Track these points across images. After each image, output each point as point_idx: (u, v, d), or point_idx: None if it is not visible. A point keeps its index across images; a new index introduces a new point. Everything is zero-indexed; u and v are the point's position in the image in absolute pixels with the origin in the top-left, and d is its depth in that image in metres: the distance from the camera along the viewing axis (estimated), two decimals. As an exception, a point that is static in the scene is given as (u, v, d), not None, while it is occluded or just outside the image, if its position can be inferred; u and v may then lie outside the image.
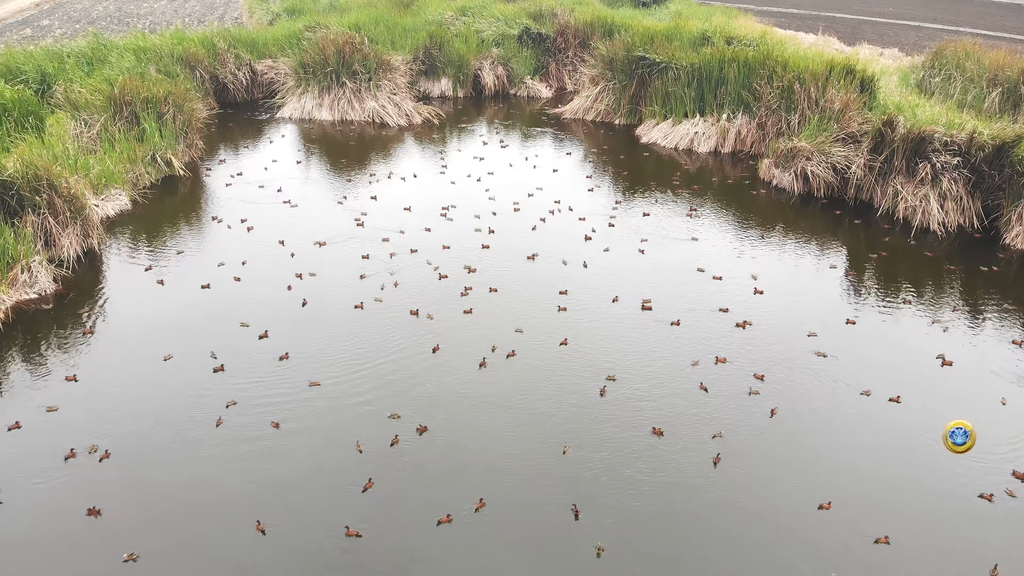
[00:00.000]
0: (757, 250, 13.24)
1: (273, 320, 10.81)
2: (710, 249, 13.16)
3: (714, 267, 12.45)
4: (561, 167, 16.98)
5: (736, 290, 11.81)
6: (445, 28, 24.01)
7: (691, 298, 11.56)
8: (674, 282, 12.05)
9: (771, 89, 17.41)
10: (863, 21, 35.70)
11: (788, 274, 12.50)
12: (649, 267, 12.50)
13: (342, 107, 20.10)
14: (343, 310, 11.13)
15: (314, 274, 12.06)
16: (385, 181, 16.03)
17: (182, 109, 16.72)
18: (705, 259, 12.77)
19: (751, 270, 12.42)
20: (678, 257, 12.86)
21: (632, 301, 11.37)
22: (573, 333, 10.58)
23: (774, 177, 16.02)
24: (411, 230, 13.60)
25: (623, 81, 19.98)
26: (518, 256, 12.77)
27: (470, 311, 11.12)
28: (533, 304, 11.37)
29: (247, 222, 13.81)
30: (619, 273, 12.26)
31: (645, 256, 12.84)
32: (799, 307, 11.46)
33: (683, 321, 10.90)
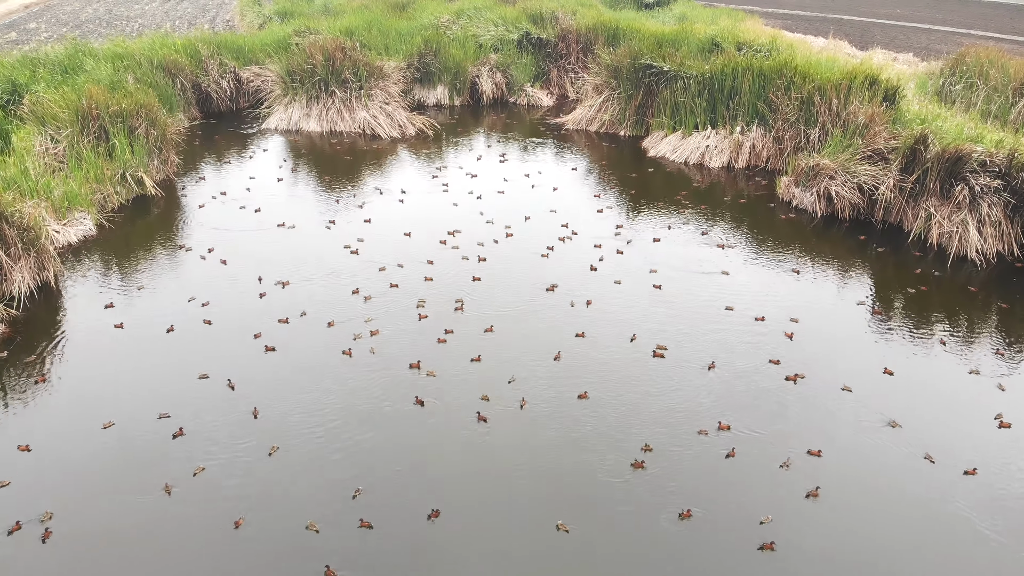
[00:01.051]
0: (781, 283, 11.82)
1: (244, 371, 9.40)
2: (731, 282, 11.73)
3: (741, 304, 11.02)
4: (563, 184, 15.55)
5: (764, 332, 10.42)
6: (441, 33, 22.57)
7: (723, 343, 10.16)
8: (701, 324, 10.62)
9: (789, 101, 15.99)
10: (872, 23, 34.24)
11: (814, 312, 11.06)
12: (668, 304, 11.09)
13: (331, 118, 18.67)
14: (326, 359, 9.71)
15: (303, 315, 10.60)
16: (378, 200, 14.59)
17: (156, 122, 15.29)
18: (728, 293, 11.34)
19: (781, 308, 11.01)
20: (699, 293, 11.43)
21: (653, 346, 9.98)
22: (590, 385, 9.20)
23: (794, 197, 14.61)
24: (411, 262, 12.12)
25: (629, 90, 18.55)
26: (521, 292, 11.34)
27: (479, 358, 9.73)
28: (540, 350, 9.97)
29: (221, 251, 12.37)
30: (634, 311, 10.86)
31: (662, 292, 11.41)
32: (829, 352, 10.04)
33: (716, 371, 9.52)
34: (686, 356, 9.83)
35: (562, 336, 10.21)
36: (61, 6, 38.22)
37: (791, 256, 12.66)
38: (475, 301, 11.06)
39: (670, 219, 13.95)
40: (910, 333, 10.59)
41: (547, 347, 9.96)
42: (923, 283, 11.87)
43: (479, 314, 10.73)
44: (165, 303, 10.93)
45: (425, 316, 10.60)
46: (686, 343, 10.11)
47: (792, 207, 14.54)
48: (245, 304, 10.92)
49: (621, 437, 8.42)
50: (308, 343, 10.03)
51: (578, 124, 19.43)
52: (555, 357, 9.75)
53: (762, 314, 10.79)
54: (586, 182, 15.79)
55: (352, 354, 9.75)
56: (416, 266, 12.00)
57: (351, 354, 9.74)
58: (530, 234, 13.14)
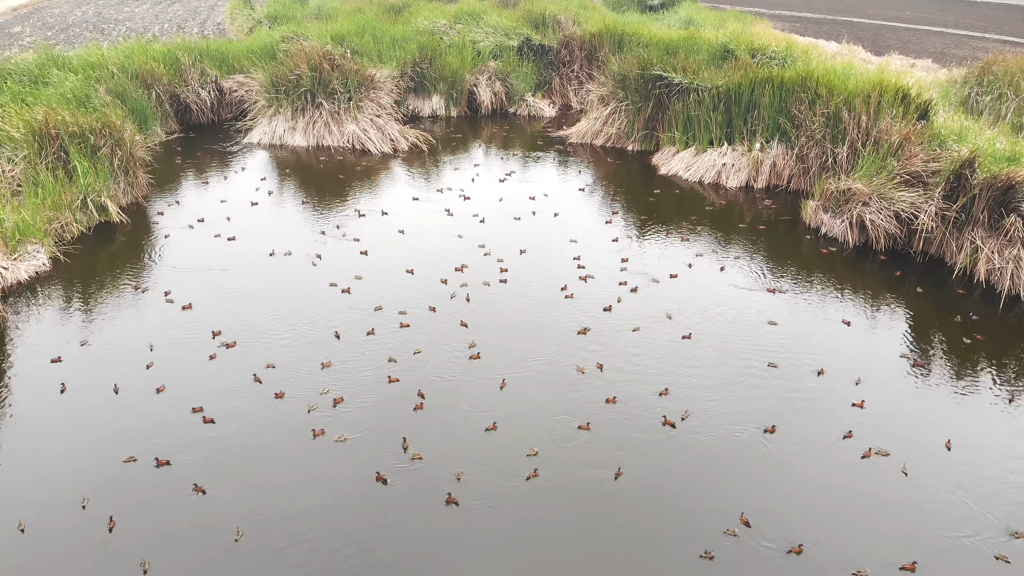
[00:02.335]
0: (815, 330, 10.21)
1: (203, 456, 7.84)
2: (762, 327, 10.13)
3: (782, 357, 9.41)
4: (570, 209, 13.94)
5: (820, 395, 8.86)
6: (437, 38, 20.95)
7: (774, 411, 8.60)
8: (743, 383, 9.06)
9: (814, 116, 14.39)
10: (883, 27, 32.59)
11: (854, 367, 9.49)
12: (699, 357, 9.49)
13: (318, 131, 17.07)
14: (295, 443, 8.15)
15: (282, 393, 9.05)
16: (369, 229, 12.94)
17: (122, 141, 13.69)
18: (764, 342, 9.74)
19: (824, 361, 9.45)
20: (731, 341, 9.83)
21: (687, 411, 8.42)
22: (623, 463, 7.68)
23: (823, 223, 13.02)
24: (414, 307, 10.48)
25: (637, 102, 16.94)
26: (532, 345, 9.76)
27: (494, 426, 8.24)
28: (562, 418, 8.41)
29: (185, 294, 10.76)
30: (661, 366, 9.29)
31: (692, 343, 9.82)
32: (881, 422, 8.50)
33: (775, 445, 7.97)
34: (734, 426, 8.27)
35: (586, 399, 8.67)
36: (50, 9, 36.54)
37: (824, 297, 11.08)
38: (484, 353, 9.50)
39: (688, 250, 12.36)
40: (971, 398, 9.03)
41: (570, 412, 8.43)
42: (979, 330, 10.28)
43: (488, 372, 9.18)
44: (113, 361, 9.31)
45: (419, 387, 9.01)
46: (734, 411, 8.54)
47: (820, 235, 12.96)
48: (196, 367, 9.31)
49: (667, 540, 6.90)
50: (272, 417, 8.48)
51: (582, 137, 17.83)
52: (582, 427, 8.24)
53: (809, 369, 9.23)
54: (594, 205, 14.20)
55: (322, 434, 8.18)
56: (417, 311, 10.40)
57: (322, 434, 8.17)
58: (537, 270, 11.54)
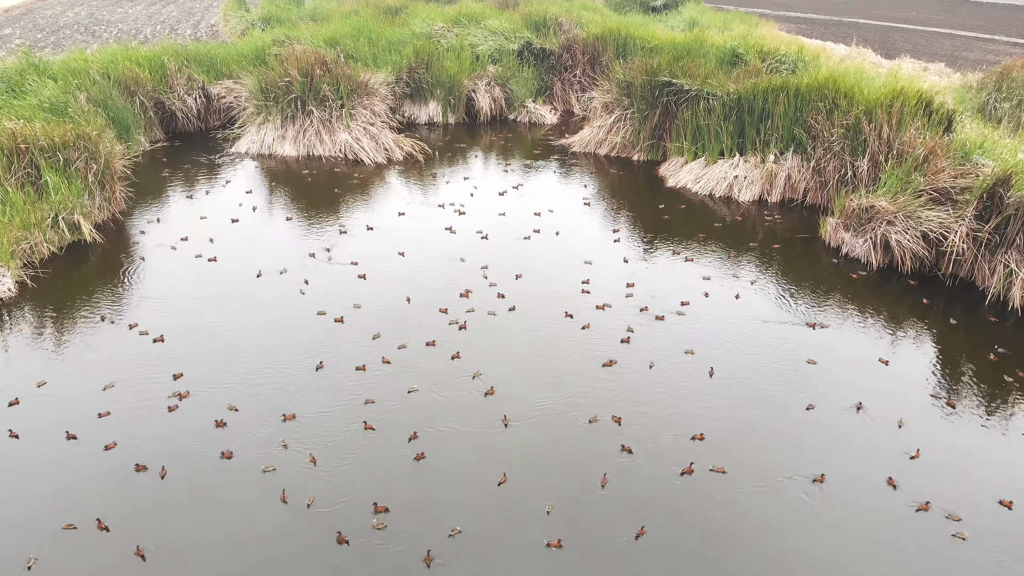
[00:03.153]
0: (854, 366, 9.27)
1: (147, 520, 6.88)
2: (792, 365, 9.18)
3: (818, 395, 8.48)
4: (574, 226, 12.97)
5: (870, 447, 7.91)
6: (435, 42, 19.97)
7: (823, 463, 7.65)
8: (774, 424, 8.10)
9: (831, 126, 13.42)
10: (891, 28, 31.58)
11: (895, 408, 8.54)
12: (721, 393, 8.54)
13: (308, 140, 16.09)
14: (255, 504, 7.20)
15: (230, 454, 8.05)
16: (365, 250, 12.00)
17: (97, 154, 12.73)
18: (795, 381, 8.80)
19: (857, 400, 8.50)
20: (755, 376, 8.88)
21: (717, 463, 7.45)
22: (645, 521, 6.71)
23: (844, 243, 12.06)
24: (412, 339, 9.50)
25: (643, 110, 15.96)
26: (539, 384, 8.76)
27: (505, 479, 7.30)
28: (577, 468, 7.45)
29: (155, 327, 9.79)
30: (681, 405, 8.33)
31: (718, 380, 8.85)
32: (930, 472, 7.54)
33: (825, 505, 7.02)
34: (773, 477, 7.32)
35: (603, 446, 7.70)
36: (42, 10, 35.53)
37: (854, 328, 10.10)
38: (489, 389, 8.54)
39: (702, 272, 11.38)
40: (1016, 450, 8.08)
41: (584, 462, 7.47)
42: (1018, 365, 9.32)
43: (496, 412, 8.22)
44: (69, 407, 8.31)
45: (415, 437, 7.97)
46: (772, 458, 7.58)
47: (841, 256, 11.99)
48: (153, 414, 8.31)
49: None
50: (229, 475, 7.52)
51: (585, 146, 16.86)
52: (602, 483, 7.29)
53: (846, 409, 8.27)
54: (601, 222, 13.21)
55: (286, 500, 7.22)
56: (414, 344, 9.41)
57: (285, 500, 7.20)
58: (545, 297, 10.55)
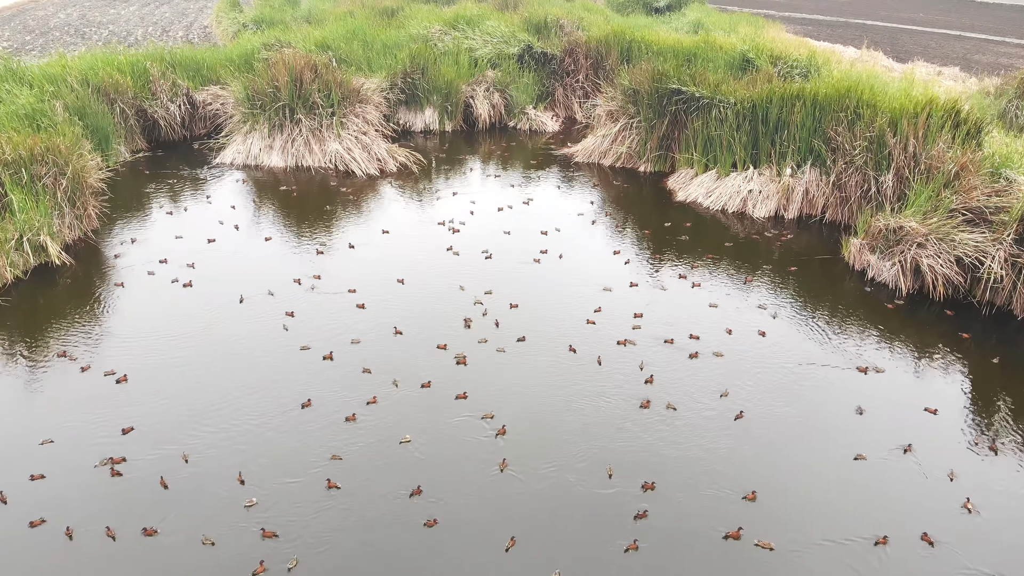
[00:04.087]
0: (899, 414, 8.26)
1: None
2: (830, 410, 8.18)
3: (862, 447, 7.47)
4: (579, 246, 11.94)
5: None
6: (431, 46, 18.96)
7: (884, 523, 6.64)
8: (824, 477, 7.09)
9: (853, 138, 12.40)
10: (900, 30, 30.53)
11: (950, 462, 7.53)
12: (758, 443, 7.53)
13: (297, 150, 15.06)
14: None
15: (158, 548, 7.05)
16: (356, 275, 11.00)
17: (67, 170, 11.71)
18: (836, 428, 7.81)
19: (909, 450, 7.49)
20: (793, 423, 7.87)
21: (761, 536, 6.43)
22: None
23: (869, 266, 11.04)
24: (407, 378, 8.47)
25: (651, 119, 14.94)
26: (553, 433, 7.74)
27: (513, 542, 6.24)
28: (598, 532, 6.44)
29: (119, 366, 8.78)
30: (719, 459, 7.31)
31: (747, 424, 7.85)
32: (1001, 539, 6.54)
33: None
34: (827, 544, 6.31)
35: (627, 500, 6.69)
36: (34, 11, 34.49)
37: (893, 368, 9.09)
38: (498, 441, 7.52)
39: (721, 301, 10.35)
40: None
41: (611, 528, 6.44)
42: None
43: (508, 471, 7.20)
44: (17, 466, 7.34)
45: (419, 491, 6.98)
46: (821, 522, 6.57)
47: (867, 279, 10.98)
48: (91, 481, 7.29)
49: None
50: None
51: (589, 156, 15.84)
52: (629, 547, 6.26)
53: (899, 463, 7.26)
54: (610, 241, 12.10)
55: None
56: (408, 383, 8.42)
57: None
58: (553, 326, 9.48)
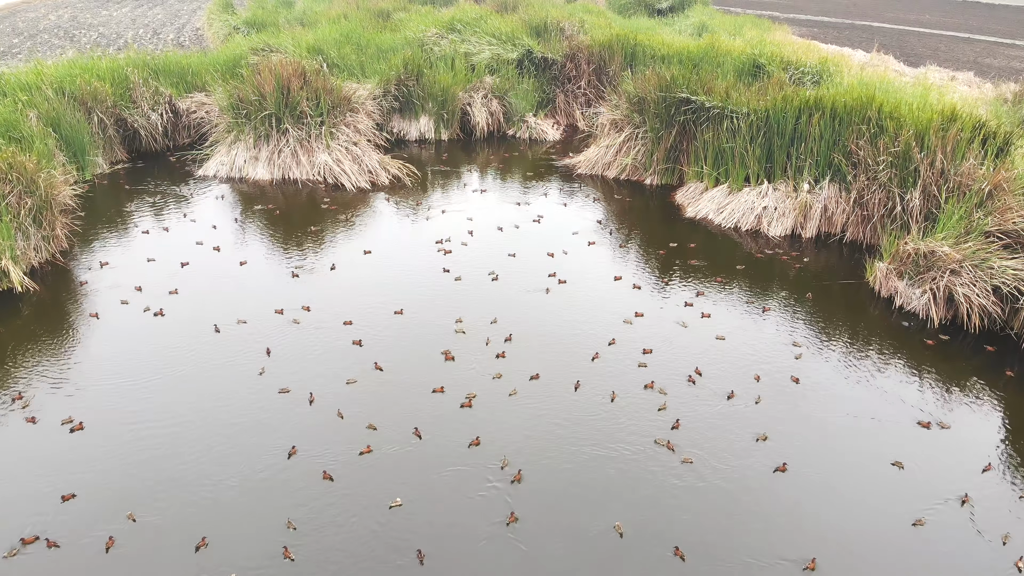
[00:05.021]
0: (950, 468, 7.32)
1: None
2: (874, 467, 7.24)
3: (918, 510, 6.53)
4: (581, 268, 10.99)
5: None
6: (427, 50, 18.00)
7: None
8: (879, 548, 6.13)
9: (878, 153, 11.45)
10: (906, 32, 29.55)
11: (1012, 527, 6.60)
12: (806, 502, 6.58)
13: (284, 162, 14.10)
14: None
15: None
16: (345, 304, 10.04)
17: (34, 187, 10.75)
18: (883, 485, 6.86)
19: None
20: (840, 479, 6.93)
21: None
22: None
23: (897, 292, 10.09)
24: (397, 425, 7.65)
25: (657, 129, 13.98)
26: (573, 492, 6.84)
27: None
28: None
29: (65, 412, 7.82)
30: (763, 519, 6.35)
31: (789, 479, 6.91)
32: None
33: None
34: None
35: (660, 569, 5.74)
36: (25, 13, 33.49)
37: (940, 418, 8.16)
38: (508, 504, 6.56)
39: (735, 331, 9.42)
40: None
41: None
42: None
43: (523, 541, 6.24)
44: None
45: (424, 555, 6.07)
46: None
47: (894, 307, 10.03)
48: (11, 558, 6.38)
49: None
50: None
51: (592, 168, 14.88)
52: None
53: (960, 527, 6.30)
54: (622, 264, 11.11)
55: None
56: (398, 431, 7.48)
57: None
58: (566, 362, 8.53)
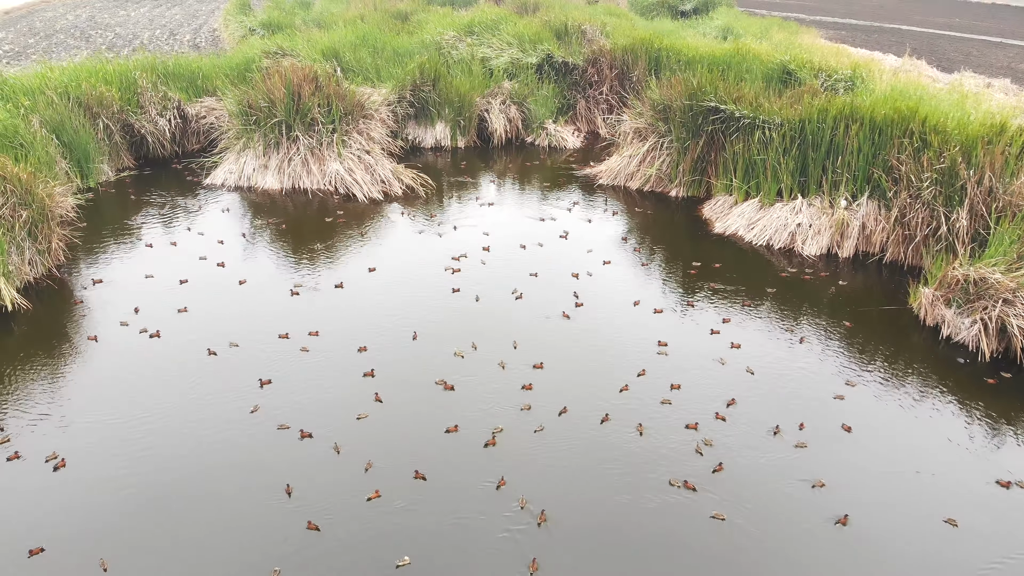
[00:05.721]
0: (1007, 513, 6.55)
1: None
2: (933, 525, 6.48)
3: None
4: (605, 288, 10.27)
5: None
6: (445, 54, 17.33)
7: None
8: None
9: (920, 168, 10.64)
10: (936, 36, 28.54)
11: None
12: (864, 556, 5.86)
13: (294, 171, 13.46)
14: None
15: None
16: (354, 330, 9.39)
17: (28, 200, 10.16)
18: (965, 557, 6.10)
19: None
20: (900, 536, 6.18)
21: None
22: None
23: (943, 322, 9.28)
24: (406, 463, 6.97)
25: (684, 139, 13.22)
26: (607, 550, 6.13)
27: None
28: None
29: (49, 448, 7.19)
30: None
31: (856, 538, 6.17)
32: None
33: None
34: None
35: None
36: (43, 12, 33.12)
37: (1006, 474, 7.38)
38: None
39: (776, 363, 8.66)
40: None
41: None
42: None
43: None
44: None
45: None
46: None
47: (941, 338, 9.23)
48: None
49: None
50: None
51: (614, 178, 14.14)
52: None
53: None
54: (639, 281, 10.46)
55: None
56: (403, 479, 6.79)
57: None
58: (596, 396, 7.86)
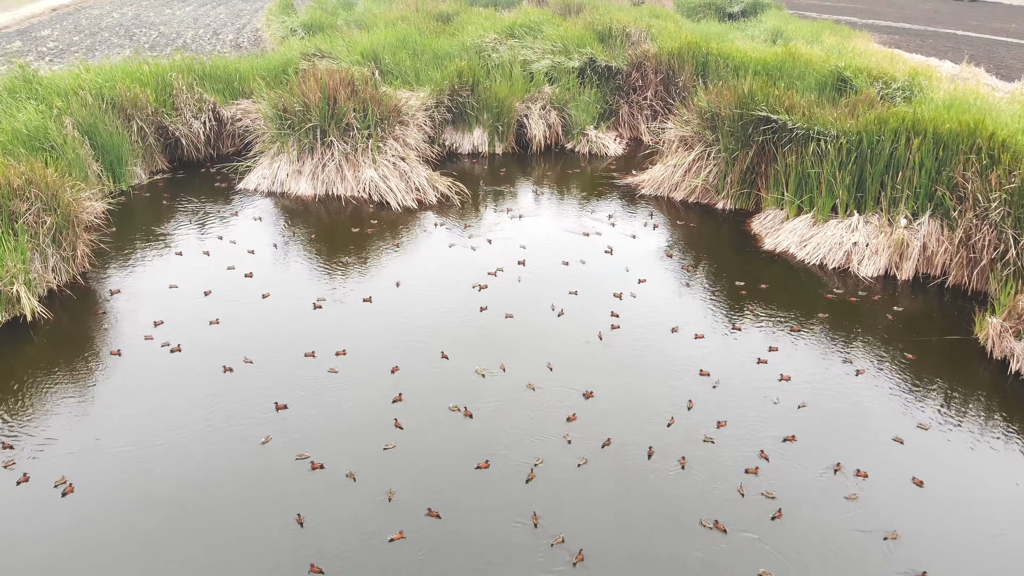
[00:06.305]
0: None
1: None
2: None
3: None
4: (649, 311, 9.67)
5: None
6: (484, 57, 16.82)
7: None
8: None
9: (989, 188, 9.86)
10: (994, 42, 27.32)
11: None
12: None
13: (328, 176, 13.05)
14: None
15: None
16: (382, 351, 8.92)
17: (54, 204, 9.86)
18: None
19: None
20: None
21: None
22: None
23: (1013, 356, 8.52)
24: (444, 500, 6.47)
25: (732, 149, 12.55)
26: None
27: None
28: None
29: (59, 472, 6.81)
30: None
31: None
32: None
33: None
34: None
35: None
36: (89, 10, 33.31)
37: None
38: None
39: (831, 399, 8.00)
40: None
41: None
42: None
43: None
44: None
45: None
46: None
47: (1010, 372, 8.47)
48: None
49: None
50: None
51: (657, 188, 13.51)
52: None
53: None
54: (686, 302, 9.85)
55: None
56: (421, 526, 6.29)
57: None
58: (641, 428, 7.33)
